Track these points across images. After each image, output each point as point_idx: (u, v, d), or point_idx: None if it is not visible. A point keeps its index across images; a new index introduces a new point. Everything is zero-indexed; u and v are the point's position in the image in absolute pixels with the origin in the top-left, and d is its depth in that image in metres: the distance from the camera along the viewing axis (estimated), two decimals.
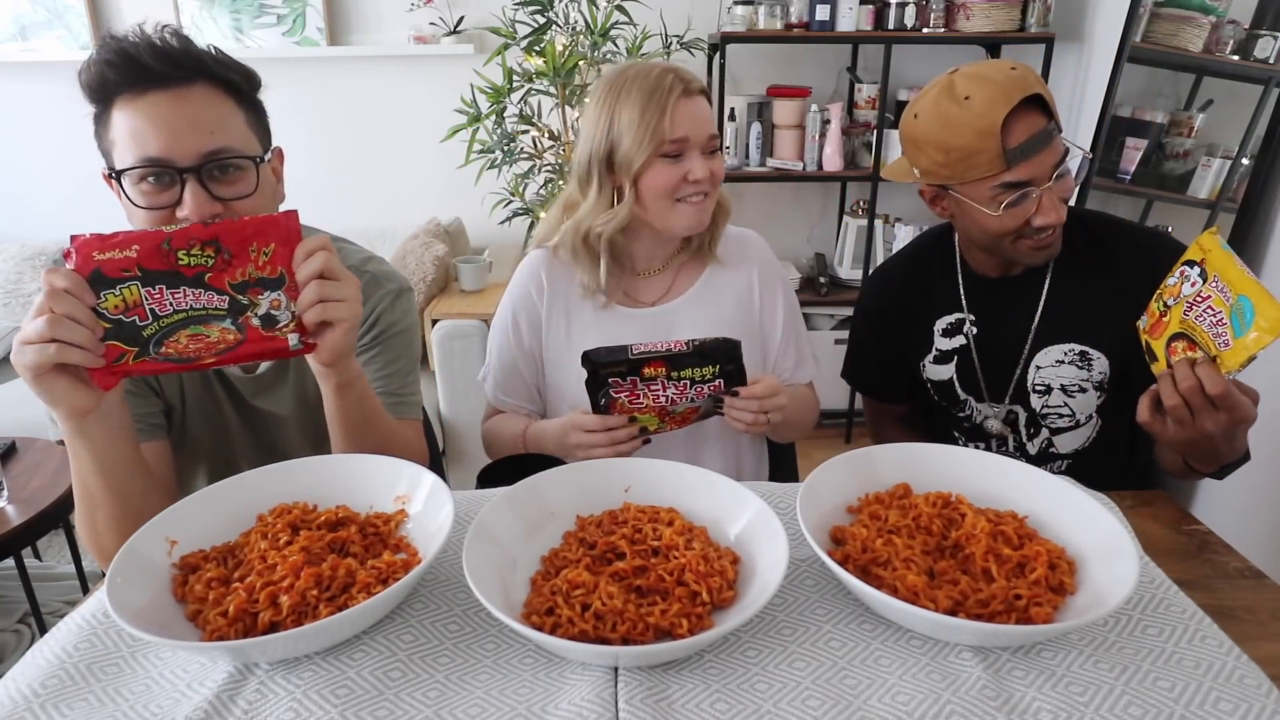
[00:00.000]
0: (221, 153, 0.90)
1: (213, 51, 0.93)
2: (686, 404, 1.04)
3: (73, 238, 0.76)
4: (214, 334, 0.80)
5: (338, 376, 0.90)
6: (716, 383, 1.02)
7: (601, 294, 1.23)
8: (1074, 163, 1.08)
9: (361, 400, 0.94)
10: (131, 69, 0.87)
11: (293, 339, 0.82)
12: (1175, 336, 0.91)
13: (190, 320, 0.79)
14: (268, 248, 0.80)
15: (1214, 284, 0.87)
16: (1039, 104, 1.04)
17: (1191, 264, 0.91)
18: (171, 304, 0.78)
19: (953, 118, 1.05)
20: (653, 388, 1.02)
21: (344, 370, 0.90)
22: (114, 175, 0.90)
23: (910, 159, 1.14)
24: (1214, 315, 0.86)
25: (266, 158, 0.97)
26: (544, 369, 1.28)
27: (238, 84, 0.94)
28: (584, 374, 1.04)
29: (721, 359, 1.01)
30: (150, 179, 0.89)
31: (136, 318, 0.78)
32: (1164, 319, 0.94)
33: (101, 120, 0.91)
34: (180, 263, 0.78)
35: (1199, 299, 0.89)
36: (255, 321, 0.81)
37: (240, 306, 0.80)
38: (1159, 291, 0.96)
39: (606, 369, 1.01)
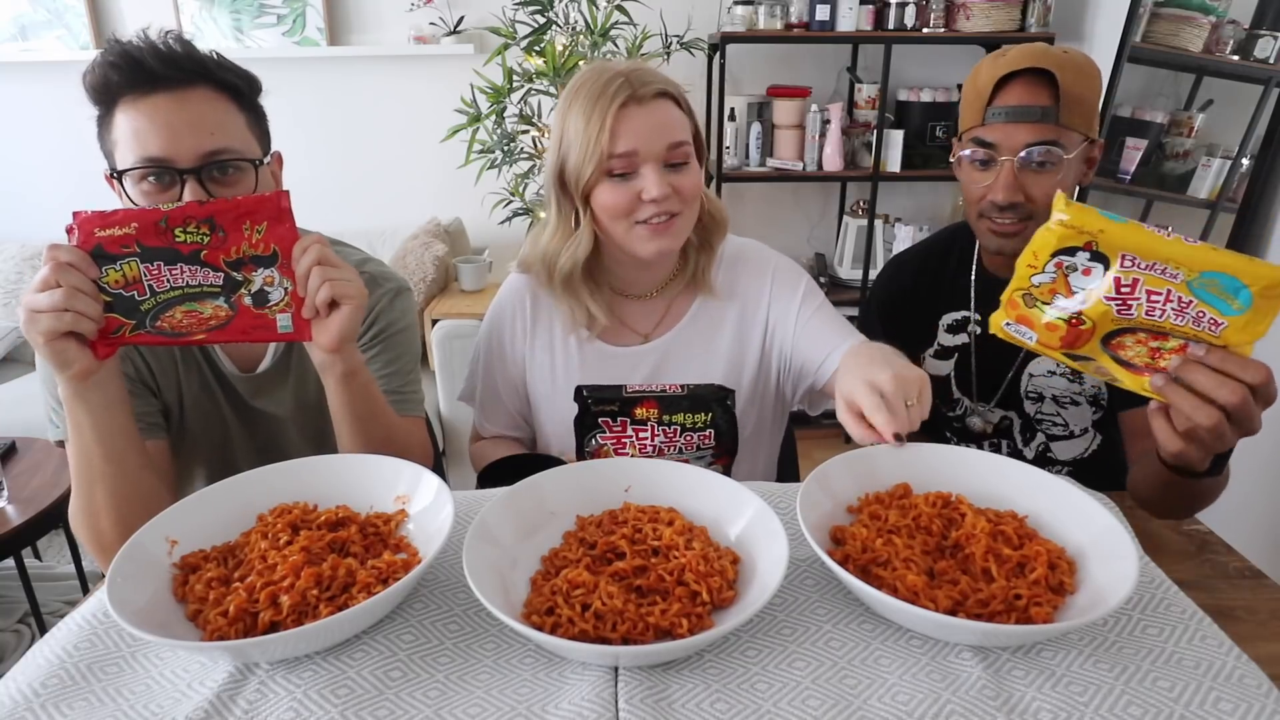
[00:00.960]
0: (221, 153, 0.92)
1: (214, 56, 0.95)
2: (673, 456, 1.02)
3: (75, 214, 0.80)
4: (207, 310, 0.84)
5: (343, 364, 0.90)
6: (707, 433, 1.00)
7: (585, 329, 1.14)
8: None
9: (366, 391, 0.95)
10: (135, 71, 0.89)
11: (282, 319, 0.85)
12: (1115, 334, 0.76)
13: (186, 297, 0.84)
14: (260, 225, 0.83)
15: (1133, 264, 0.72)
16: (1052, 83, 1.02)
17: (1071, 251, 0.75)
18: (169, 280, 0.83)
19: (981, 68, 1.08)
20: (642, 434, 1.00)
21: (348, 358, 0.91)
22: (116, 175, 0.92)
23: None
24: (1168, 300, 0.72)
25: (266, 160, 0.98)
26: (530, 402, 1.22)
27: (239, 87, 0.96)
28: (567, 416, 1.01)
29: (715, 408, 0.99)
30: (151, 178, 0.91)
31: (135, 292, 0.82)
32: (1080, 326, 0.76)
33: (104, 122, 0.93)
34: (177, 240, 0.82)
35: (1124, 287, 0.73)
36: (248, 300, 0.85)
37: (234, 283, 0.84)
38: (1024, 297, 0.79)
39: (599, 407, 0.99)
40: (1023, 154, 1.04)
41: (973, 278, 1.24)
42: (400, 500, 0.83)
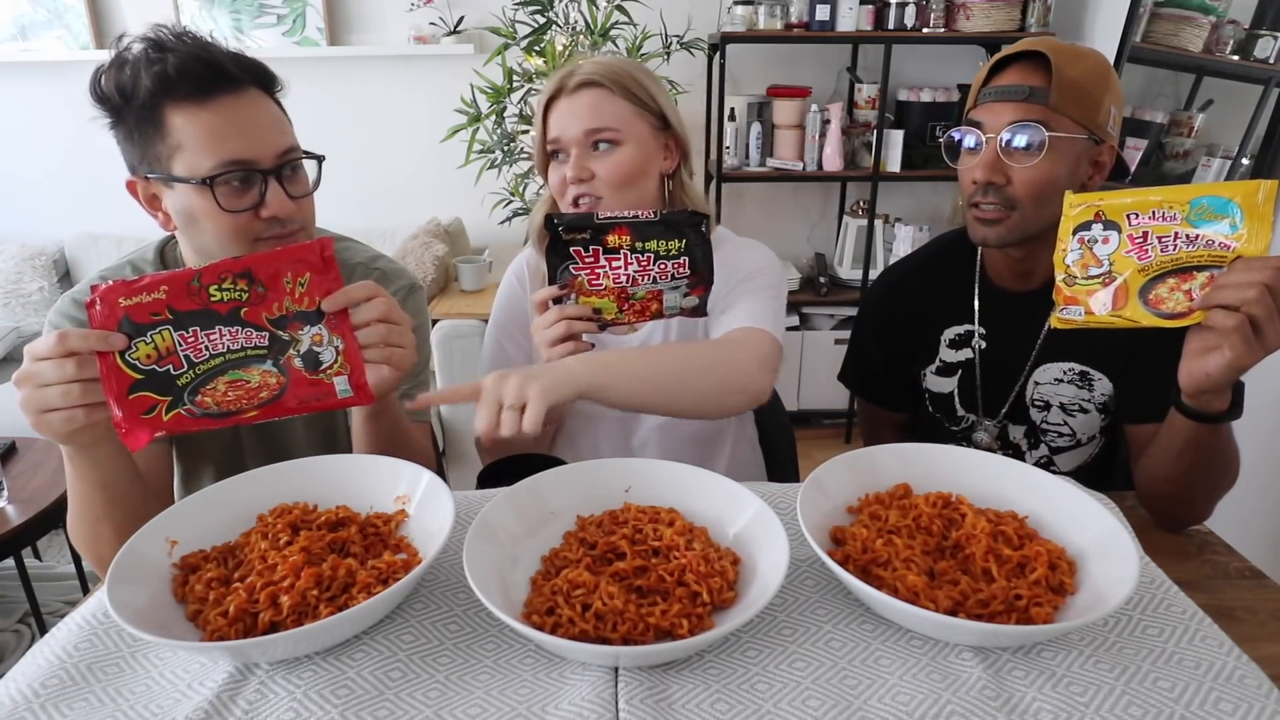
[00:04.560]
0: (292, 151, 0.93)
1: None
2: (648, 285, 0.98)
3: (94, 287, 0.72)
4: (255, 378, 0.76)
5: (377, 405, 0.90)
6: (681, 260, 0.97)
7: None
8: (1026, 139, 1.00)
9: (394, 424, 0.94)
10: (207, 72, 0.87)
11: (339, 383, 0.79)
12: (1150, 285, 0.83)
13: (229, 364, 0.75)
14: (303, 278, 0.76)
15: (1138, 220, 0.82)
16: (1046, 67, 1.00)
17: (1085, 226, 0.84)
18: (207, 348, 0.74)
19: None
20: (615, 263, 0.96)
21: (384, 400, 0.90)
22: (204, 182, 0.87)
23: None
24: (1177, 238, 0.81)
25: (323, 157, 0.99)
26: None
27: (275, 87, 0.96)
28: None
29: (689, 233, 0.96)
30: (236, 181, 0.88)
31: (170, 366, 0.74)
32: (1114, 284, 0.84)
33: (149, 125, 0.87)
34: (213, 299, 0.74)
35: (1138, 241, 0.82)
36: (298, 362, 0.77)
37: (281, 344, 0.76)
38: (1065, 280, 0.86)
39: (570, 234, 0.95)
40: (1005, 133, 1.01)
41: (975, 290, 1.19)
42: (400, 500, 0.83)
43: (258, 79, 0.93)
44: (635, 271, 0.97)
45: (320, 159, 0.97)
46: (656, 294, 0.98)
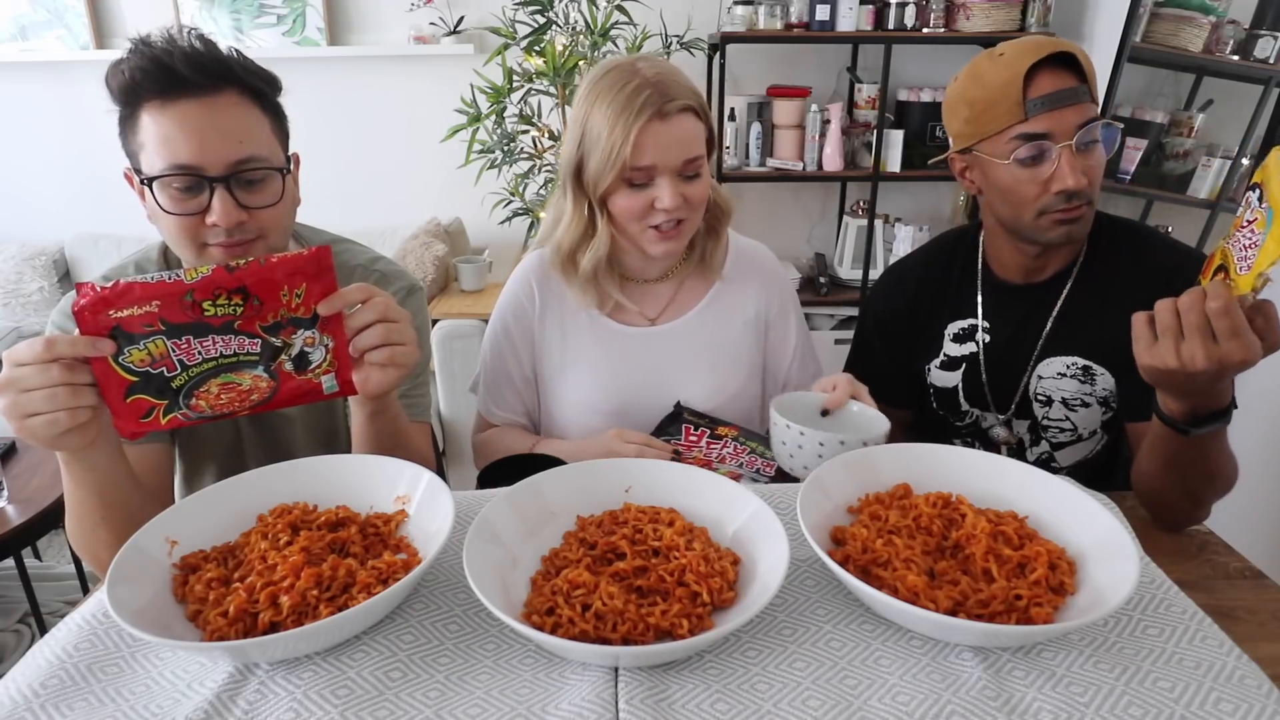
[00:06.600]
0: (249, 162, 0.91)
1: (236, 55, 0.93)
2: (731, 467, 1.08)
3: (79, 286, 0.72)
4: (246, 381, 0.78)
5: (377, 404, 0.90)
6: (771, 462, 1.06)
7: (595, 309, 1.19)
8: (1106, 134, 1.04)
9: (394, 423, 0.94)
10: (164, 75, 0.87)
11: (326, 381, 0.81)
12: (1217, 271, 0.81)
13: (221, 368, 0.76)
14: (299, 289, 0.76)
15: (1263, 205, 0.78)
16: (1073, 66, 1.02)
17: (1254, 187, 0.79)
18: (200, 353, 0.75)
19: (982, 71, 1.07)
20: (713, 446, 1.08)
21: (385, 399, 0.90)
22: (144, 181, 0.90)
23: (946, 127, 1.15)
24: (1251, 238, 0.77)
25: (289, 168, 0.97)
26: (539, 385, 1.23)
27: (263, 90, 0.95)
28: (575, 396, 1.09)
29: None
30: (179, 185, 0.89)
31: (164, 369, 0.75)
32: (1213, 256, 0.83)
33: (129, 122, 0.91)
34: (206, 314, 0.74)
35: (1245, 224, 0.79)
36: (289, 366, 0.79)
37: (273, 350, 0.77)
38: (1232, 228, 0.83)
39: (691, 418, 1.10)
40: (1078, 135, 1.01)
41: (979, 285, 1.20)
42: (400, 500, 0.83)
43: (237, 82, 0.92)
44: (728, 452, 1.08)
45: (282, 171, 0.95)
46: (735, 475, 1.07)
